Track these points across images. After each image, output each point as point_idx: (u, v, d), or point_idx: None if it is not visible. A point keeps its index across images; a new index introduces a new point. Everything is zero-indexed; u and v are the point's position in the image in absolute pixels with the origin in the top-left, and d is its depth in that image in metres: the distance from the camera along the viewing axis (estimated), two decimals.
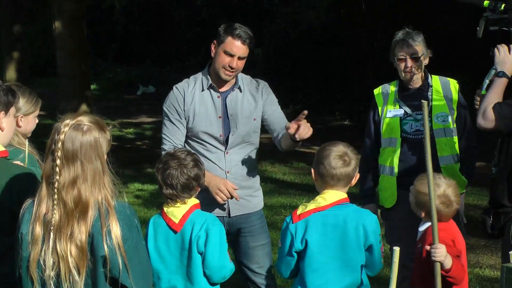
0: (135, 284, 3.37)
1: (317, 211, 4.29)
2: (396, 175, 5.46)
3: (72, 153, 3.31)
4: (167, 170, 4.33)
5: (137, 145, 14.46)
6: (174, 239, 4.35)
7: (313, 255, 4.28)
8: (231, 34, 5.08)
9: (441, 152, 5.28)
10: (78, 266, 3.30)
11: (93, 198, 3.32)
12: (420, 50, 5.39)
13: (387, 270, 7.13)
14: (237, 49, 5.08)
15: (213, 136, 5.16)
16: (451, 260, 4.33)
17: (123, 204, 3.41)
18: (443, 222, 4.43)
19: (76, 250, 3.29)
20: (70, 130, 3.32)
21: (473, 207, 9.07)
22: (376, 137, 5.58)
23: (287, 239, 4.31)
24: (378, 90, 5.64)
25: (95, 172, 3.34)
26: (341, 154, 4.29)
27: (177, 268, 4.37)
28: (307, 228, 4.26)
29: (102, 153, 3.39)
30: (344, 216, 4.29)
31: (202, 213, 4.41)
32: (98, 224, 3.30)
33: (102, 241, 3.28)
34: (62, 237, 3.29)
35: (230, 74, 5.10)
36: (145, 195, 10.59)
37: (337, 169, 4.26)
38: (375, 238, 4.35)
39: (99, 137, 3.38)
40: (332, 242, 4.27)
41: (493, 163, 4.91)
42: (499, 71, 4.82)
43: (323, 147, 4.38)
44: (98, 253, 3.30)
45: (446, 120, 5.41)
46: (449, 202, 4.47)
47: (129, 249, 3.34)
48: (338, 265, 4.29)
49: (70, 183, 3.30)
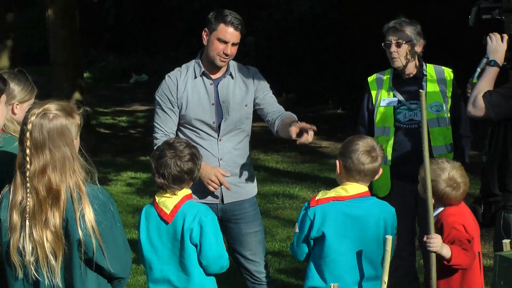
0: (111, 265, 3.43)
1: (336, 199, 4.28)
2: (390, 164, 5.47)
3: (40, 141, 3.35)
4: (162, 159, 4.31)
5: (130, 133, 14.45)
6: (165, 229, 4.34)
7: (331, 245, 4.26)
8: (223, 21, 5.09)
9: (435, 142, 5.29)
10: (55, 251, 3.36)
11: (64, 185, 3.36)
12: (406, 37, 5.38)
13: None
14: (230, 36, 5.09)
15: (206, 123, 5.17)
16: (449, 249, 4.34)
17: (96, 188, 3.45)
18: (454, 206, 4.45)
19: (51, 235, 3.34)
20: (37, 119, 3.36)
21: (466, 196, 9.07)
22: (370, 126, 5.58)
23: (306, 223, 4.29)
24: (372, 78, 5.64)
25: (65, 159, 3.38)
26: (370, 149, 4.28)
27: (169, 258, 4.36)
28: (326, 216, 4.24)
29: (70, 139, 3.42)
30: (366, 209, 4.30)
31: (194, 204, 4.40)
32: (71, 209, 3.35)
33: (76, 225, 3.33)
34: (37, 224, 3.35)
35: (224, 61, 5.13)
36: (137, 183, 10.59)
37: (366, 164, 4.26)
38: (393, 231, 4.36)
39: (67, 123, 3.41)
40: (352, 233, 4.26)
41: (484, 152, 4.91)
42: (491, 60, 4.82)
43: (351, 141, 4.34)
44: (73, 237, 3.35)
45: (440, 110, 5.42)
46: (456, 184, 4.49)
47: (103, 232, 3.38)
48: (355, 257, 4.28)
49: (40, 171, 3.35)
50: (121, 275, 3.53)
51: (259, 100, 5.30)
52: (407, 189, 5.41)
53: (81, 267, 3.39)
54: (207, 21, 5.17)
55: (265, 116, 5.31)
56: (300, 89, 16.14)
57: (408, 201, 5.46)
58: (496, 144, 4.81)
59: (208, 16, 5.19)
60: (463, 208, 4.56)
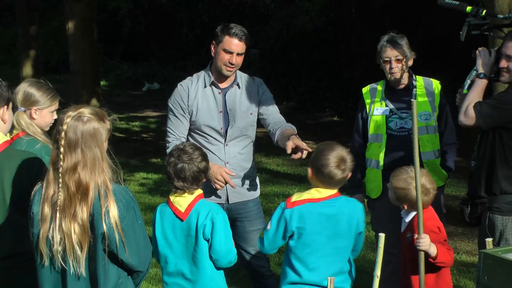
0: (131, 259, 3.45)
1: (311, 201, 4.26)
2: (382, 169, 5.46)
3: (74, 141, 3.37)
4: (179, 164, 4.34)
5: (142, 137, 14.47)
6: (180, 226, 4.35)
7: (306, 243, 4.25)
8: (228, 33, 5.12)
9: (423, 148, 5.29)
10: (81, 242, 3.37)
11: (93, 182, 3.38)
12: (403, 52, 5.39)
13: (372, 255, 7.17)
14: (235, 46, 5.11)
15: (214, 129, 5.18)
16: (436, 248, 4.35)
17: (121, 187, 3.47)
18: (424, 209, 4.44)
19: (79, 228, 3.36)
20: (72, 121, 3.39)
21: (452, 197, 9.10)
22: (364, 133, 5.58)
23: (281, 223, 4.27)
24: (366, 89, 5.64)
25: (95, 159, 3.39)
26: (339, 163, 4.21)
27: (182, 253, 4.38)
28: (301, 216, 4.23)
29: (101, 141, 3.44)
30: (337, 208, 4.27)
31: (206, 203, 4.42)
32: (98, 204, 3.37)
33: (101, 220, 3.35)
34: (66, 217, 3.36)
35: (231, 70, 5.14)
36: (149, 183, 10.60)
37: (336, 177, 4.22)
38: (363, 226, 4.36)
39: (99, 127, 3.43)
40: (326, 231, 4.24)
41: (472, 158, 4.92)
42: (480, 72, 4.83)
43: (321, 153, 4.27)
44: (98, 231, 3.37)
45: (429, 119, 5.42)
46: (426, 190, 4.51)
47: (125, 227, 3.40)
48: (329, 252, 4.26)
49: (71, 168, 3.36)
50: (140, 269, 3.54)
51: (262, 110, 5.32)
52: None
53: (104, 259, 3.41)
54: (215, 34, 5.20)
55: (267, 126, 5.33)
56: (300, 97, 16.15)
57: None
58: (484, 151, 4.81)
59: (215, 30, 5.21)
60: (433, 211, 4.59)
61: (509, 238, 4.72)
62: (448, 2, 5.08)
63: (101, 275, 3.42)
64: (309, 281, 4.25)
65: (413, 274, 4.47)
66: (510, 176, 4.72)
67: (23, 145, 4.31)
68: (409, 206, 4.52)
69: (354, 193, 5.68)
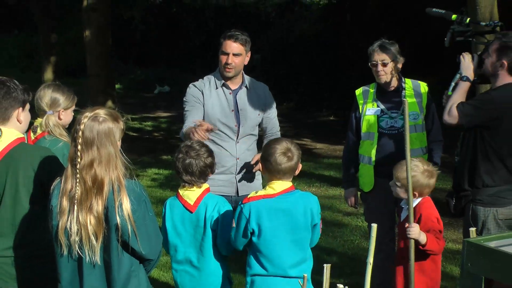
0: (142, 248, 3.46)
1: (266, 197, 4.19)
2: (373, 164, 5.48)
3: (90, 140, 3.38)
4: (187, 160, 4.36)
5: (154, 136, 14.46)
6: (189, 218, 4.37)
7: (266, 237, 4.18)
8: (224, 37, 5.22)
9: (412, 145, 5.30)
10: (96, 233, 3.39)
11: (108, 177, 3.39)
12: (390, 57, 5.38)
13: (365, 243, 7.19)
14: (230, 47, 5.16)
15: (228, 126, 5.22)
16: (426, 236, 4.37)
17: (133, 182, 3.48)
18: (427, 196, 4.52)
19: (94, 219, 3.38)
20: (88, 121, 3.40)
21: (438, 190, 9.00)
22: (357, 131, 5.60)
23: (242, 220, 4.17)
24: (359, 91, 5.65)
25: (109, 156, 3.41)
26: (285, 151, 4.18)
27: (190, 242, 4.40)
28: (259, 213, 4.15)
29: (115, 140, 3.45)
30: (293, 202, 4.21)
31: (214, 196, 4.45)
32: (112, 198, 3.38)
33: (115, 212, 3.37)
34: (83, 209, 3.38)
35: (229, 70, 5.19)
36: (160, 178, 10.61)
37: (282, 165, 4.15)
38: (318, 218, 4.31)
39: (113, 126, 3.45)
40: (283, 225, 4.18)
41: (456, 153, 4.93)
42: (463, 75, 4.85)
43: (268, 146, 4.27)
44: (112, 222, 3.38)
45: (417, 118, 5.43)
46: (431, 172, 4.57)
47: (137, 219, 3.41)
48: (289, 245, 4.21)
49: (88, 164, 3.38)
50: (151, 257, 3.55)
51: (264, 116, 5.40)
52: (388, 185, 5.42)
53: (117, 248, 3.42)
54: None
55: (263, 130, 5.45)
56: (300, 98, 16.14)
57: (389, 195, 5.45)
58: (467, 147, 4.82)
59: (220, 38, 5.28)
60: (432, 202, 4.60)
61: (491, 228, 4.74)
62: (435, 11, 5.09)
63: (115, 263, 3.44)
64: (274, 272, 4.20)
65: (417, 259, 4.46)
66: (491, 170, 4.73)
67: (47, 144, 4.37)
68: (419, 193, 4.54)
69: (348, 187, 5.72)
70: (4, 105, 3.84)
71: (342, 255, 7.03)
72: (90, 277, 3.46)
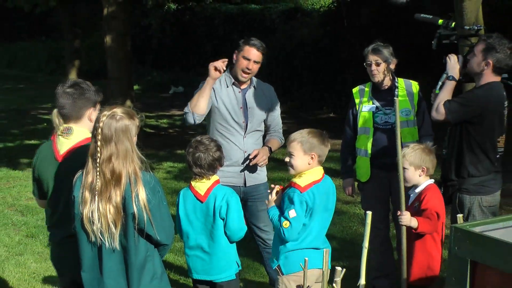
0: (158, 234, 3.46)
1: (317, 182, 4.18)
2: (369, 156, 5.47)
3: (109, 136, 3.38)
4: (197, 154, 4.37)
5: (169, 132, 14.47)
6: (200, 207, 4.37)
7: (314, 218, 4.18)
8: (248, 44, 5.17)
9: (404, 139, 5.29)
10: (115, 221, 3.39)
11: (125, 170, 3.39)
12: (383, 58, 5.37)
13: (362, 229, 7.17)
14: (253, 55, 5.14)
15: (237, 122, 5.21)
16: (416, 221, 4.36)
17: (148, 174, 3.48)
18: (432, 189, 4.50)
19: (113, 209, 3.38)
20: (107, 119, 3.40)
21: None
22: (354, 127, 5.58)
23: (303, 207, 4.10)
24: (356, 90, 5.64)
25: (126, 151, 3.40)
26: (324, 139, 4.28)
27: (201, 230, 4.40)
28: (315, 197, 4.13)
29: (131, 136, 3.44)
30: (329, 186, 4.28)
31: (222, 187, 4.44)
32: (129, 189, 3.38)
33: (131, 202, 3.37)
34: (103, 199, 3.38)
35: (246, 76, 5.17)
36: (175, 170, 10.62)
37: (326, 152, 4.26)
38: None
39: (129, 124, 3.44)
40: (324, 204, 4.21)
41: (444, 147, 4.92)
42: (449, 75, 4.83)
43: (314, 134, 4.28)
44: (129, 211, 3.39)
45: (409, 114, 5.41)
46: (429, 149, 4.58)
47: (152, 208, 3.41)
48: (323, 222, 4.26)
49: (107, 159, 3.38)
50: (165, 242, 3.55)
51: (268, 115, 5.38)
52: (383, 176, 5.42)
53: (134, 235, 3.42)
54: (238, 45, 5.23)
55: (267, 128, 5.45)
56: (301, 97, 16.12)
57: (383, 185, 5.47)
58: (453, 141, 4.82)
59: (239, 42, 5.24)
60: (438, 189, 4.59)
61: (476, 214, 4.73)
62: (423, 16, 5.07)
63: (132, 249, 3.44)
64: (309, 245, 4.18)
65: (416, 239, 4.48)
66: (475, 161, 4.73)
67: None
68: (427, 170, 4.52)
69: (346, 178, 5.70)
70: (78, 104, 3.84)
71: (341, 240, 7.02)
72: (109, 262, 3.46)
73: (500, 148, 4.78)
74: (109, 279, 3.47)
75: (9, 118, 15.83)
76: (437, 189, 4.57)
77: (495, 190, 4.81)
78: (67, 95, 3.84)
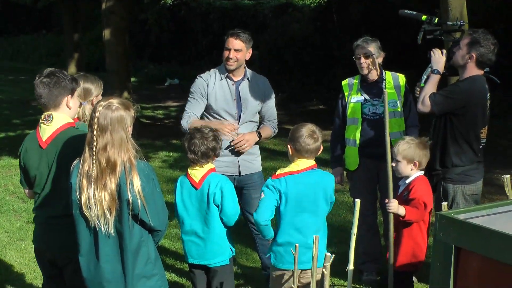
0: (152, 221, 3.44)
1: (292, 173, 4.19)
2: (358, 146, 5.46)
3: (104, 126, 3.36)
4: (192, 140, 4.35)
5: (165, 123, 14.43)
6: (195, 194, 4.36)
7: (291, 207, 4.18)
8: (227, 35, 5.20)
9: (391, 129, 5.28)
10: (110, 208, 3.37)
11: (120, 159, 3.37)
12: (370, 51, 5.37)
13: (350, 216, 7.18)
14: (231, 43, 5.13)
15: (230, 114, 5.18)
16: (404, 209, 4.36)
17: (143, 163, 3.46)
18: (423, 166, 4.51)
19: (108, 196, 3.36)
20: (103, 109, 3.38)
21: None
22: (343, 117, 5.57)
23: (273, 193, 4.17)
24: (345, 82, 5.63)
25: (121, 140, 3.38)
26: (311, 133, 4.19)
27: (196, 216, 4.39)
28: (287, 186, 4.15)
29: (126, 126, 3.42)
30: (315, 178, 4.21)
31: (217, 175, 4.42)
32: (124, 177, 3.36)
33: (126, 189, 3.35)
34: (98, 187, 3.36)
35: (231, 64, 5.15)
36: (170, 160, 10.58)
37: (310, 145, 4.17)
38: (332, 194, 4.30)
39: (124, 114, 3.42)
40: (306, 197, 4.19)
41: (429, 137, 4.92)
42: (434, 69, 4.83)
43: (297, 128, 4.25)
44: (124, 198, 3.37)
45: (396, 106, 5.41)
46: (424, 144, 4.57)
47: (146, 195, 3.39)
48: (310, 214, 4.21)
49: (103, 147, 3.36)
50: (159, 228, 3.53)
51: (264, 103, 5.35)
52: (371, 164, 5.42)
53: (129, 221, 3.40)
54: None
55: (262, 118, 5.41)
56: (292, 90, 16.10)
57: (371, 173, 5.47)
58: (438, 132, 4.82)
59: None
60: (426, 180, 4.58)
61: (459, 202, 4.74)
62: (407, 12, 5.06)
63: (126, 234, 3.42)
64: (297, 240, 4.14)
65: (404, 227, 4.50)
66: (459, 152, 4.73)
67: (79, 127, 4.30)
68: (419, 164, 4.50)
69: (335, 167, 5.69)
70: (55, 93, 3.83)
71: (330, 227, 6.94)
72: (105, 246, 3.44)
73: (482, 139, 4.79)
74: (105, 263, 3.45)
75: (11, 108, 15.76)
76: (426, 180, 4.58)
77: (478, 180, 4.81)
78: (44, 84, 3.84)
